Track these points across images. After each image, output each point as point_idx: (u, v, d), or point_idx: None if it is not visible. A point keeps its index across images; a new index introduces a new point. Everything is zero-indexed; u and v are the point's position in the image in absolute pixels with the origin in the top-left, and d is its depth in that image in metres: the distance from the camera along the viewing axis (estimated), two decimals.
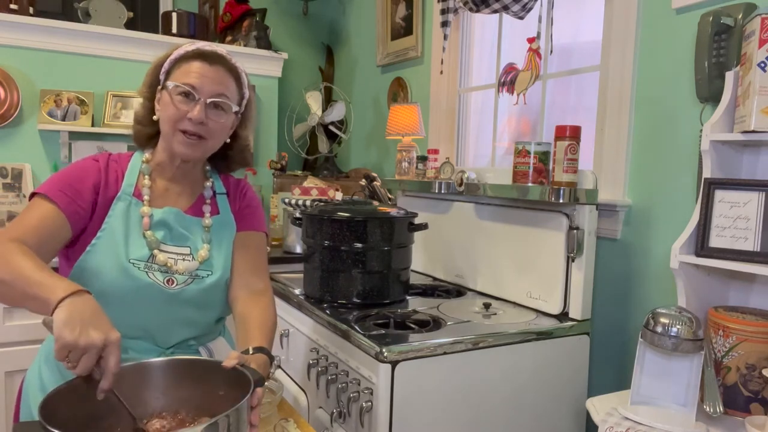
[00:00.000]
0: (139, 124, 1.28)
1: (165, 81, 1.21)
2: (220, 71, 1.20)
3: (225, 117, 1.22)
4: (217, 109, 1.20)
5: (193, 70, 1.18)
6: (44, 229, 1.09)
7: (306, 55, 3.61)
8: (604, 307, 1.84)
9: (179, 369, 1.00)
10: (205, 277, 1.22)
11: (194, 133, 1.18)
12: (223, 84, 1.20)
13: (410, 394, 1.44)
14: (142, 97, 1.26)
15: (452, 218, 2.16)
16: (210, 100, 1.18)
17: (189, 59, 1.20)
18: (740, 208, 1.30)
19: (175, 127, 1.18)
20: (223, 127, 1.23)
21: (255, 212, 1.37)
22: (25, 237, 1.05)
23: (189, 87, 1.17)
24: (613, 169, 1.79)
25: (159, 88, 1.22)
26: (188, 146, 1.19)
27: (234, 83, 1.23)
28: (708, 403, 1.28)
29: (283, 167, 3.07)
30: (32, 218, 1.10)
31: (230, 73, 1.22)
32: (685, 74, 1.60)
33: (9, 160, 2.56)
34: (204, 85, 1.17)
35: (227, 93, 1.21)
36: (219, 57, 1.21)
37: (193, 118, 1.16)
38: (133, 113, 1.30)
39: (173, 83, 1.17)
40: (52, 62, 2.64)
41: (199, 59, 1.19)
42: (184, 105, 1.17)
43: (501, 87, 2.07)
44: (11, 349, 2.17)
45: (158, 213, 1.21)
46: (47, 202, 1.12)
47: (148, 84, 1.25)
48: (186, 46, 1.23)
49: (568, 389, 1.68)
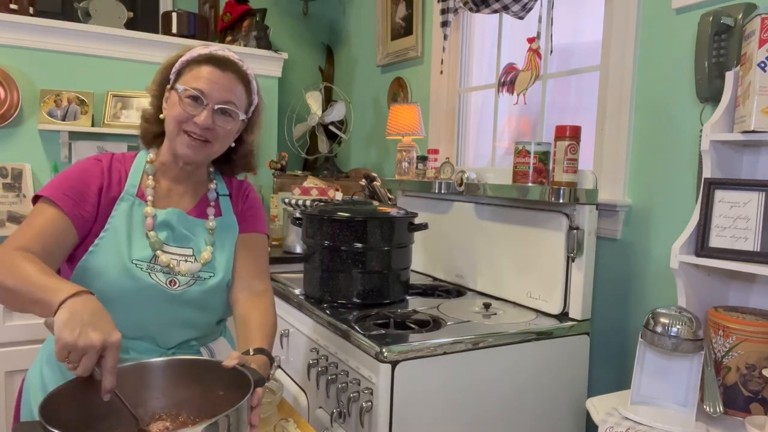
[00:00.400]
0: (146, 122, 1.28)
1: (175, 82, 1.21)
2: (231, 78, 1.20)
3: (232, 123, 1.22)
4: (224, 115, 1.20)
5: (203, 75, 1.18)
6: (50, 237, 1.09)
7: (306, 55, 3.61)
8: (604, 307, 1.84)
9: (179, 369, 1.00)
10: (207, 278, 1.23)
11: (199, 136, 1.18)
12: (232, 91, 1.20)
13: (410, 394, 1.44)
14: (151, 95, 1.27)
15: (452, 218, 2.16)
16: (218, 106, 1.18)
17: (200, 63, 1.19)
18: (740, 208, 1.30)
19: (180, 127, 1.18)
20: (228, 133, 1.23)
21: (257, 214, 1.37)
22: (30, 245, 1.06)
23: (198, 92, 1.17)
24: (613, 169, 1.79)
25: (168, 87, 1.22)
26: (192, 148, 1.19)
27: (243, 90, 1.23)
28: (708, 403, 1.28)
29: (283, 167, 3.07)
30: (37, 225, 1.10)
31: (241, 79, 1.22)
32: (685, 74, 1.60)
33: (9, 160, 2.56)
34: (213, 91, 1.17)
35: (235, 100, 1.20)
36: (231, 63, 1.21)
37: (200, 123, 1.16)
38: (142, 111, 1.30)
39: (183, 87, 1.17)
40: (52, 62, 2.64)
41: (211, 64, 1.19)
42: (191, 108, 1.17)
43: (501, 87, 2.07)
44: (11, 349, 2.17)
45: (161, 214, 1.21)
46: (52, 207, 1.12)
47: (158, 82, 1.25)
48: (199, 49, 1.22)
49: (568, 389, 1.68)
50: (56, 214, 1.12)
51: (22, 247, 1.04)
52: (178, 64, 1.22)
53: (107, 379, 0.87)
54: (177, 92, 1.18)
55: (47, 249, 1.08)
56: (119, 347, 0.89)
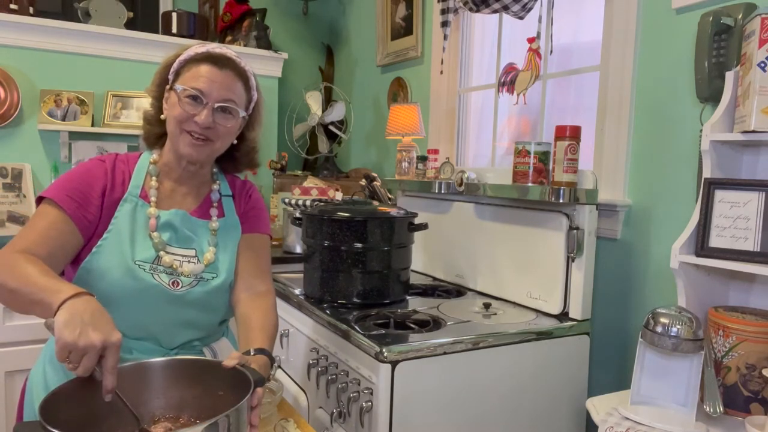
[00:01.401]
0: (148, 124, 1.29)
1: (174, 82, 1.21)
2: (229, 75, 1.20)
3: (232, 121, 1.22)
4: (225, 113, 1.20)
5: (202, 74, 1.18)
6: (53, 239, 1.09)
7: (306, 55, 3.61)
8: (604, 307, 1.84)
9: (179, 369, 1.00)
10: (210, 279, 1.23)
11: (200, 135, 1.18)
12: (231, 89, 1.20)
13: (410, 394, 1.44)
14: (151, 96, 1.27)
15: (452, 218, 2.16)
16: (217, 104, 1.18)
17: (198, 62, 1.19)
18: (740, 208, 1.30)
19: (181, 127, 1.18)
20: (229, 131, 1.23)
21: (260, 214, 1.37)
22: (33, 248, 1.06)
23: (197, 91, 1.16)
24: (613, 169, 1.79)
25: (167, 87, 1.22)
26: (194, 147, 1.19)
27: (242, 87, 1.23)
28: (708, 403, 1.28)
29: (283, 167, 3.07)
30: (40, 228, 1.10)
31: (239, 76, 1.22)
32: (685, 74, 1.60)
33: (9, 160, 2.56)
34: (212, 90, 1.17)
35: (235, 98, 1.20)
36: (228, 60, 1.21)
37: (200, 122, 1.16)
38: (143, 113, 1.30)
39: (182, 87, 1.17)
40: (52, 62, 2.64)
41: (209, 62, 1.19)
42: (191, 108, 1.17)
43: (501, 87, 2.07)
44: (11, 349, 2.17)
45: (165, 215, 1.21)
46: (55, 209, 1.12)
47: (157, 83, 1.25)
48: (196, 47, 1.22)
49: (568, 389, 1.68)
50: (60, 216, 1.12)
51: (26, 250, 1.04)
52: (176, 64, 1.22)
53: (108, 379, 0.87)
54: (176, 92, 1.18)
55: (51, 251, 1.08)
56: (120, 347, 0.89)
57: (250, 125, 1.31)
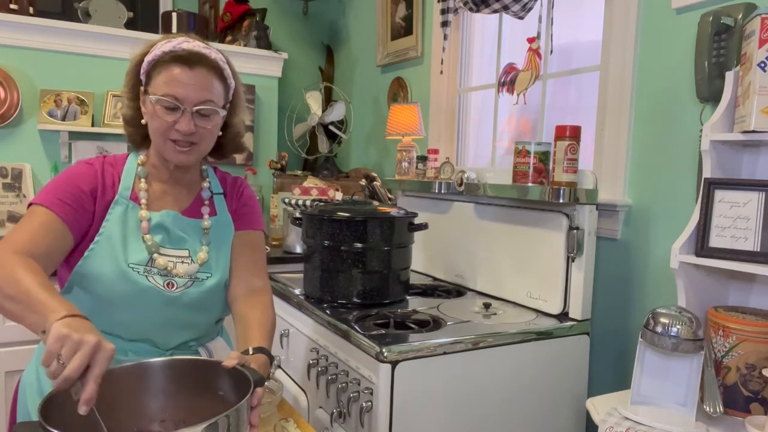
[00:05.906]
0: (130, 126, 1.26)
1: (146, 85, 1.17)
2: (202, 73, 1.14)
3: (213, 120, 1.19)
4: (204, 116, 1.17)
5: (174, 78, 1.13)
6: (46, 239, 1.07)
7: (306, 55, 3.61)
8: (604, 307, 1.84)
9: (179, 369, 0.99)
10: (205, 279, 1.22)
11: (184, 142, 1.16)
12: (206, 88, 1.15)
13: (410, 394, 1.44)
14: (127, 99, 1.23)
15: (452, 218, 2.16)
16: (196, 108, 1.14)
17: (168, 63, 1.14)
18: (740, 208, 1.30)
19: (165, 137, 1.16)
20: (212, 131, 1.20)
21: (252, 211, 1.35)
22: (27, 248, 1.03)
23: (172, 99, 1.13)
24: (613, 169, 1.79)
25: (141, 89, 1.19)
26: (181, 154, 1.18)
27: (218, 81, 1.18)
28: (708, 403, 1.28)
29: (283, 167, 3.07)
30: (33, 227, 1.08)
31: (213, 71, 1.16)
32: (685, 74, 1.60)
33: (9, 160, 2.56)
34: (188, 94, 1.13)
35: (212, 97, 1.16)
36: (199, 57, 1.15)
37: (182, 130, 1.14)
38: (122, 116, 1.26)
39: (156, 96, 1.13)
40: (52, 62, 2.64)
41: (179, 63, 1.13)
42: (169, 116, 1.14)
43: (501, 87, 2.07)
44: (11, 349, 2.17)
45: (156, 216, 1.20)
46: (46, 211, 1.10)
47: (130, 86, 1.22)
48: (162, 45, 1.16)
49: (568, 389, 1.68)
50: (51, 217, 1.10)
51: (20, 250, 1.02)
52: (145, 64, 1.17)
53: (90, 386, 0.80)
54: (152, 103, 1.14)
55: (44, 252, 1.06)
56: (111, 359, 0.84)
57: (232, 112, 1.26)
